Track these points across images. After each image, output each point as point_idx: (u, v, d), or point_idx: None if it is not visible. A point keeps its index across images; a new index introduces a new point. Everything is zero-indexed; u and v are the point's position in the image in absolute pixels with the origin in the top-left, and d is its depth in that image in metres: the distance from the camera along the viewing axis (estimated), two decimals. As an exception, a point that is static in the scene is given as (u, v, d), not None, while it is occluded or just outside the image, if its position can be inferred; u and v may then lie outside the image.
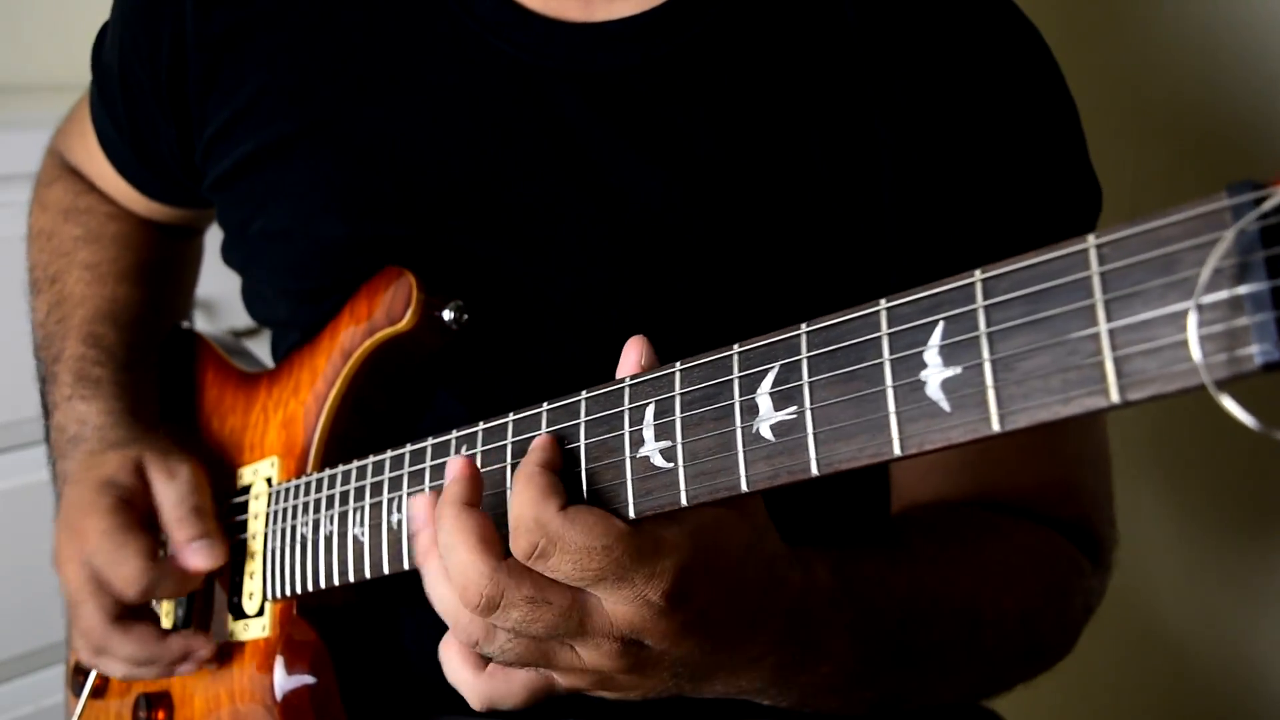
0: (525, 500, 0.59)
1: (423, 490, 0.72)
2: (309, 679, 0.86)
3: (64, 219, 1.11)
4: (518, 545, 0.58)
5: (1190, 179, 1.32)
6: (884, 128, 0.82)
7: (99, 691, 1.03)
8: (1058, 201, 0.85)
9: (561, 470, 0.62)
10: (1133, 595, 1.41)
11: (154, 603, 0.99)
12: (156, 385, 1.06)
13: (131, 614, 0.90)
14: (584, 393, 0.62)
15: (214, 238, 1.14)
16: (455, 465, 0.63)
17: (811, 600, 0.66)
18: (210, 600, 0.95)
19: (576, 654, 0.62)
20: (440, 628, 0.93)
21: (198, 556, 0.88)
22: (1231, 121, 1.31)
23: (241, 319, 1.36)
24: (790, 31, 0.84)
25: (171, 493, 0.89)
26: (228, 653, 0.92)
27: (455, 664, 0.69)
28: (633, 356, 0.62)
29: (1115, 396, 0.41)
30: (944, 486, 0.84)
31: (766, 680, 0.67)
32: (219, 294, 1.22)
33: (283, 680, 0.86)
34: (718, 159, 0.83)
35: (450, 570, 0.61)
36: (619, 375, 0.62)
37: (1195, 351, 0.38)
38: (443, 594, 0.63)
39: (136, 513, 0.89)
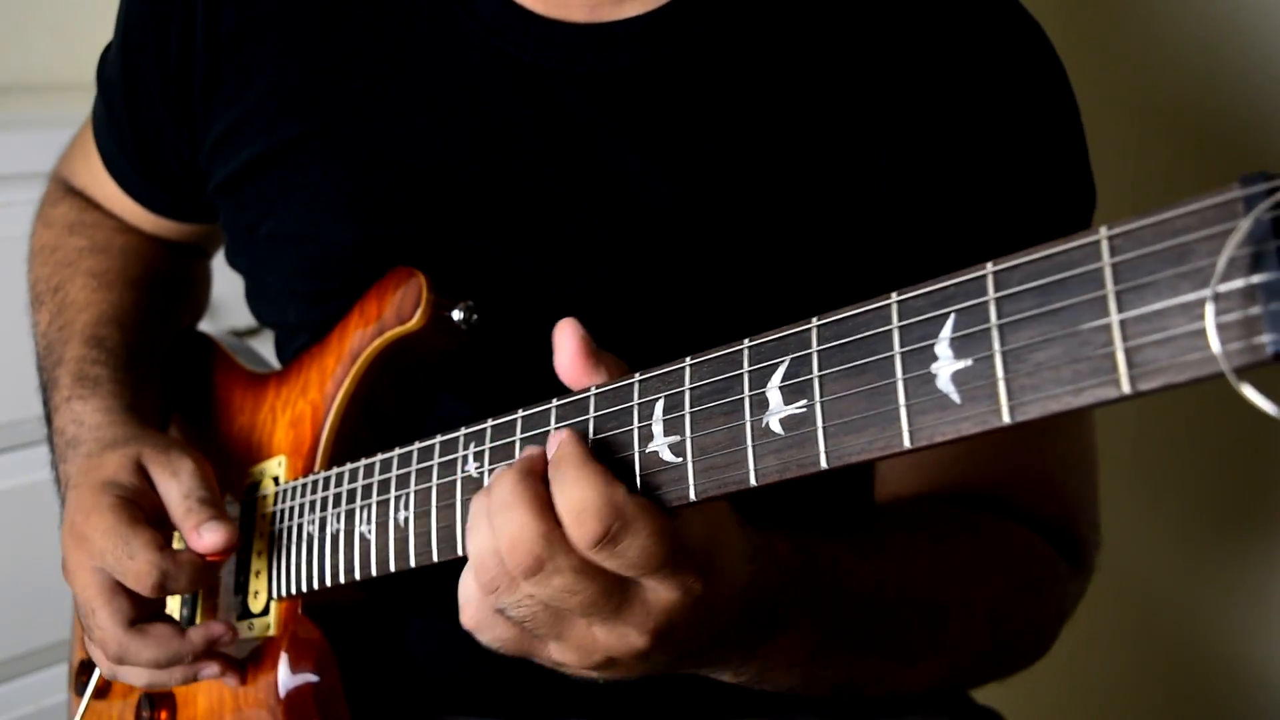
0: (591, 484, 0.56)
1: (428, 486, 0.72)
2: (313, 677, 0.85)
3: (68, 232, 1.10)
4: (586, 529, 0.56)
5: (1190, 178, 1.33)
6: (888, 124, 0.83)
7: (102, 692, 1.02)
8: (1054, 202, 0.85)
9: None
10: (1131, 594, 1.41)
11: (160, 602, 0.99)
12: (160, 388, 1.05)
13: (147, 617, 0.87)
14: (593, 388, 0.63)
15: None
16: (558, 439, 0.60)
17: (771, 574, 0.65)
18: (214, 601, 0.95)
19: (593, 634, 0.60)
20: (446, 630, 0.93)
21: (210, 537, 0.84)
22: (1232, 121, 1.32)
23: (241, 319, 1.36)
24: (794, 29, 0.85)
25: (176, 488, 0.87)
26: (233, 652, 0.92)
27: (469, 578, 0.64)
28: (567, 344, 0.62)
29: (1126, 387, 0.42)
30: (928, 480, 0.84)
31: (730, 653, 0.67)
32: (219, 294, 1.22)
33: (286, 678, 0.86)
34: (723, 156, 0.84)
35: (498, 527, 0.58)
36: (557, 364, 0.62)
37: (1214, 340, 0.38)
38: (483, 537, 0.60)
39: (141, 510, 0.86)
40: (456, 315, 0.84)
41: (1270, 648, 1.42)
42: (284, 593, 0.86)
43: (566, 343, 0.62)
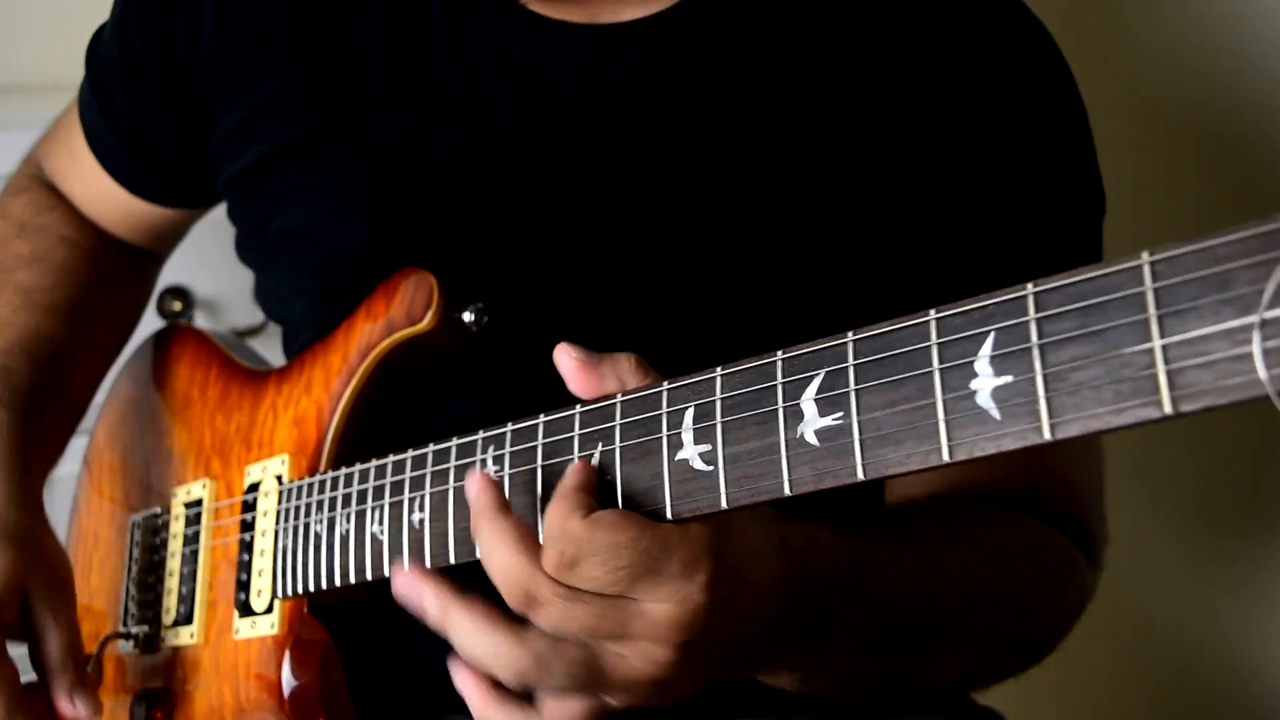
0: (553, 516, 0.59)
1: (444, 488, 0.72)
2: (318, 677, 0.85)
3: (17, 233, 1.08)
4: (547, 559, 0.59)
5: (1190, 179, 1.34)
6: (899, 126, 0.83)
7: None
8: (1064, 204, 0.86)
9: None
10: (1130, 595, 1.42)
11: (154, 599, 0.99)
12: (64, 429, 1.04)
13: None
14: (619, 395, 0.63)
15: (219, 237, 1.13)
16: (473, 485, 0.65)
17: (815, 560, 0.66)
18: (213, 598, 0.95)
19: (627, 662, 0.61)
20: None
21: (83, 708, 0.87)
22: (1231, 121, 1.33)
23: (241, 319, 1.36)
24: (804, 32, 0.85)
25: (57, 637, 0.89)
26: (233, 651, 0.92)
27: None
28: (566, 367, 0.64)
29: (1169, 408, 0.43)
30: (939, 479, 0.85)
31: (786, 650, 0.67)
32: (219, 294, 1.21)
33: (291, 678, 0.86)
34: (730, 158, 0.84)
35: (494, 575, 0.61)
36: (569, 383, 0.65)
37: (1260, 366, 0.39)
38: (483, 641, 0.62)
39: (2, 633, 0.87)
40: (467, 317, 0.84)
41: (1270, 648, 1.44)
42: (289, 592, 0.86)
43: (564, 366, 0.65)
